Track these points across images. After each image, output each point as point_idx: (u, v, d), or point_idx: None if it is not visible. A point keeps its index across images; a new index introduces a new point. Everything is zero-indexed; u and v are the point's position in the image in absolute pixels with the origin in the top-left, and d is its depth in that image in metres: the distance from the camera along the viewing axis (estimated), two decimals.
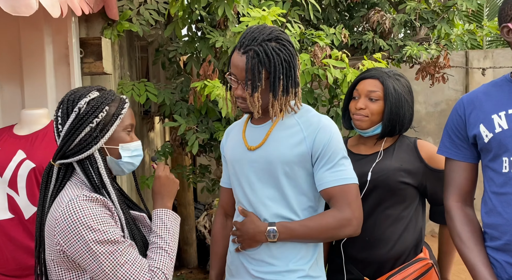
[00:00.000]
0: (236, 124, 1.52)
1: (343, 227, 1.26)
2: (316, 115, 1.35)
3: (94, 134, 1.12)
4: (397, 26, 3.70)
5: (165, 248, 1.15)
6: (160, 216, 1.21)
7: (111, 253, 1.05)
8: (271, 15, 2.39)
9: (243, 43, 1.26)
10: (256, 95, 1.26)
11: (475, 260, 1.26)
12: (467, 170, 1.35)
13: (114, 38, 2.48)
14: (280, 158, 1.29)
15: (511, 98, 1.23)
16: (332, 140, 1.29)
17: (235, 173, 1.40)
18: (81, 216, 1.05)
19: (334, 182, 1.27)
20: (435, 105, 5.22)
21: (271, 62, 1.25)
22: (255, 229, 1.30)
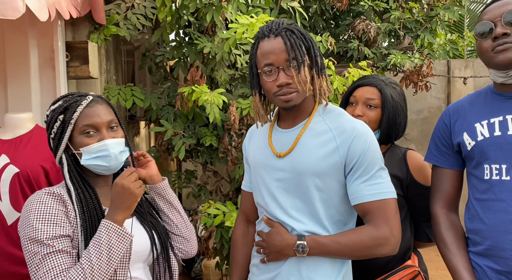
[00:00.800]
0: (260, 124, 1.37)
1: (380, 246, 1.16)
2: (350, 121, 1.23)
3: (55, 143, 1.21)
4: (381, 35, 3.78)
5: (84, 266, 1.06)
6: (100, 229, 1.11)
7: (33, 253, 1.08)
8: (259, 22, 2.41)
9: (270, 30, 1.19)
10: (304, 70, 1.16)
11: (458, 265, 1.28)
12: (452, 177, 1.38)
13: (101, 42, 2.46)
14: (311, 169, 1.19)
15: (493, 107, 1.27)
16: (369, 149, 1.18)
17: (259, 179, 1.30)
18: (29, 210, 1.11)
19: (371, 196, 1.17)
20: (418, 112, 5.32)
21: (307, 39, 1.19)
22: (282, 242, 1.20)
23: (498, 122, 1.23)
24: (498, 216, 1.21)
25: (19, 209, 1.69)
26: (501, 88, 1.27)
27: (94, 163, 1.18)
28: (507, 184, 1.20)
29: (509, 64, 1.19)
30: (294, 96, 1.19)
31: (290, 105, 1.21)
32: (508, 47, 1.18)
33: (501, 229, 1.20)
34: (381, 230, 1.17)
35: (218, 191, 3.11)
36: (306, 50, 1.20)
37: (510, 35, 1.18)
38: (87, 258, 1.07)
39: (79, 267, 1.06)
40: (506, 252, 1.19)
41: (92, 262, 1.06)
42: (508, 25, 1.18)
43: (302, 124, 1.25)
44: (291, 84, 1.18)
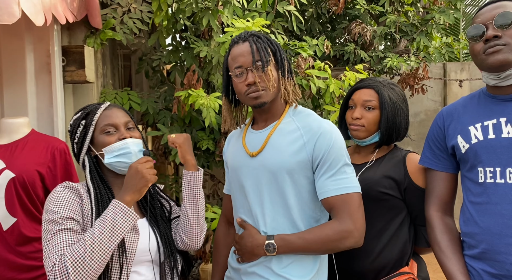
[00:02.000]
0: (237, 130, 1.48)
1: (343, 239, 1.21)
2: (317, 120, 1.30)
3: (78, 147, 1.29)
4: (377, 38, 3.79)
5: (87, 240, 1.09)
6: (109, 207, 1.16)
7: (46, 231, 1.15)
8: (255, 26, 2.42)
9: (240, 37, 1.32)
10: (269, 69, 1.27)
11: (453, 269, 1.28)
12: (447, 180, 1.38)
13: (97, 46, 2.46)
14: (281, 166, 1.25)
15: (487, 110, 1.27)
16: (333, 146, 1.24)
17: (235, 181, 1.36)
18: (49, 198, 1.20)
19: (335, 191, 1.22)
20: (414, 115, 5.33)
21: (272, 42, 1.31)
22: (253, 243, 1.26)
23: (492, 124, 1.23)
24: (493, 219, 1.20)
25: (15, 215, 1.68)
26: (494, 90, 1.27)
27: (116, 161, 1.25)
28: (501, 187, 1.20)
29: (499, 66, 1.20)
30: (263, 94, 1.28)
31: (259, 102, 1.29)
32: (498, 49, 1.19)
33: (496, 233, 1.20)
34: (344, 223, 1.22)
35: (215, 194, 3.11)
36: (272, 53, 1.31)
37: (501, 38, 1.19)
38: (90, 231, 1.12)
39: (82, 241, 1.11)
40: (501, 256, 1.18)
41: (94, 235, 1.10)
42: (500, 28, 1.19)
43: (273, 125, 1.33)
44: (259, 83, 1.27)
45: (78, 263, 1.07)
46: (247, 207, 1.33)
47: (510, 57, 1.18)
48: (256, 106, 1.31)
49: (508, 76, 1.21)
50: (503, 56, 1.18)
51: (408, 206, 1.51)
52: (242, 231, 1.34)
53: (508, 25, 1.18)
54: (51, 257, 1.09)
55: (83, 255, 1.08)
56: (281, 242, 1.24)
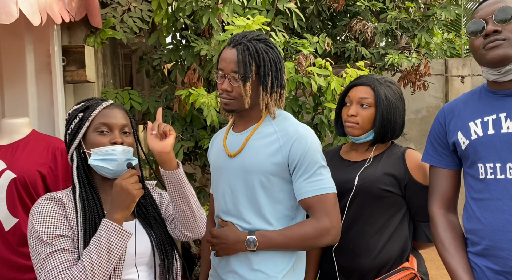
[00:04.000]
0: (221, 131, 1.53)
1: (321, 236, 1.28)
2: (293, 124, 1.35)
3: (69, 139, 1.25)
4: (378, 35, 3.77)
5: (85, 263, 1.09)
6: (100, 228, 1.14)
7: (38, 253, 1.12)
8: (256, 23, 2.41)
9: (233, 40, 1.33)
10: (248, 85, 1.29)
11: (456, 266, 1.28)
12: (449, 177, 1.37)
13: (97, 46, 2.46)
14: (257, 168, 1.31)
15: (487, 106, 1.26)
16: (308, 150, 1.29)
17: (216, 181, 1.42)
18: (31, 214, 1.17)
19: (311, 192, 1.28)
20: (416, 112, 5.32)
21: (260, 57, 1.31)
22: (235, 238, 1.30)
23: (491, 120, 1.23)
24: (494, 215, 1.20)
25: (17, 215, 1.68)
26: (494, 86, 1.26)
27: (99, 165, 1.22)
28: (502, 182, 1.19)
29: (499, 61, 1.19)
30: (232, 102, 1.33)
31: (228, 109, 1.36)
32: (498, 44, 1.18)
33: (498, 229, 1.19)
34: (322, 222, 1.28)
35: None
36: (256, 68, 1.31)
37: (501, 33, 1.18)
38: (87, 256, 1.10)
39: (80, 264, 1.10)
40: (504, 252, 1.18)
41: (93, 260, 1.09)
42: (500, 23, 1.18)
43: (252, 127, 1.38)
44: (231, 92, 1.32)
45: None
46: (224, 205, 1.38)
47: (510, 52, 1.17)
48: (225, 111, 1.38)
49: (508, 71, 1.20)
50: (503, 51, 1.17)
51: (408, 202, 1.51)
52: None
53: (508, 19, 1.17)
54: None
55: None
56: (261, 238, 1.29)
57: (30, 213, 1.17)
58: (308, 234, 1.28)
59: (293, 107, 2.68)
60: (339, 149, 1.66)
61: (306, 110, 2.84)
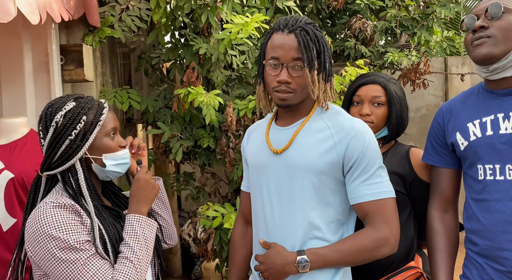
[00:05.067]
0: (259, 124, 1.38)
1: (380, 247, 1.15)
2: (348, 119, 1.21)
3: (74, 145, 1.13)
4: (378, 33, 3.76)
5: (131, 258, 1.09)
6: (132, 223, 1.15)
7: (71, 262, 1.04)
8: (254, 21, 2.40)
9: (286, 25, 1.16)
10: (314, 74, 1.14)
11: (440, 277, 1.31)
12: (449, 176, 1.37)
13: (96, 44, 2.44)
14: (307, 166, 1.17)
15: (485, 106, 1.25)
16: (368, 148, 1.16)
17: (257, 179, 1.27)
18: (43, 224, 1.05)
19: (370, 196, 1.15)
20: (416, 110, 5.31)
21: (320, 42, 1.16)
22: (283, 260, 1.16)
23: (489, 121, 1.22)
24: (494, 216, 1.20)
25: (15, 215, 1.67)
26: (491, 85, 1.25)
27: (114, 170, 1.19)
28: (501, 184, 1.18)
29: (483, 59, 1.18)
30: (291, 97, 1.18)
31: (285, 104, 1.21)
32: (482, 42, 1.17)
33: (498, 229, 1.19)
34: (381, 231, 1.15)
35: (217, 192, 3.10)
36: (317, 54, 1.17)
37: (488, 29, 1.17)
38: (131, 252, 1.10)
39: (126, 261, 1.09)
40: (504, 252, 1.18)
41: (137, 254, 1.10)
42: (490, 19, 1.17)
43: (300, 121, 1.24)
44: (291, 84, 1.16)
45: None
46: (262, 208, 1.26)
47: (493, 50, 1.16)
48: (281, 106, 1.23)
49: (496, 70, 1.19)
50: (486, 49, 1.17)
51: (413, 200, 1.50)
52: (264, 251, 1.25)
53: (497, 16, 1.16)
54: None
55: (136, 275, 1.08)
56: (313, 257, 1.15)
57: (37, 223, 1.05)
58: (365, 247, 1.14)
59: None
60: None
61: None
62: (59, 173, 1.15)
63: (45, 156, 1.15)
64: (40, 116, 1.16)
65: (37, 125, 1.18)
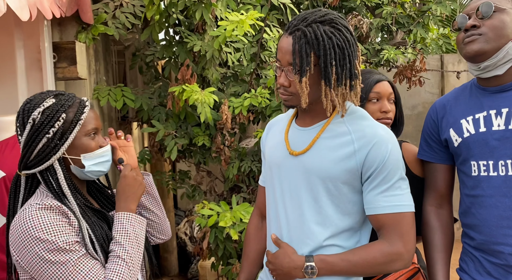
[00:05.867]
0: (280, 119, 1.34)
1: (392, 262, 1.11)
2: (372, 125, 1.15)
3: (52, 144, 1.09)
4: (374, 30, 3.75)
5: (123, 256, 1.08)
6: (121, 220, 1.13)
7: (62, 263, 1.02)
8: (249, 19, 2.38)
9: (292, 24, 1.12)
10: (304, 80, 1.08)
11: (436, 269, 1.32)
12: (443, 171, 1.38)
13: (89, 42, 2.42)
14: (323, 172, 1.13)
15: (477, 103, 1.26)
16: (389, 157, 1.10)
17: (272, 178, 1.25)
18: (29, 227, 1.02)
19: (387, 208, 1.11)
20: (412, 108, 5.31)
21: (320, 45, 1.07)
22: (290, 264, 1.15)
23: (482, 117, 1.23)
24: (488, 212, 1.21)
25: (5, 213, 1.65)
26: (483, 82, 1.26)
27: (95, 169, 1.16)
28: (495, 180, 1.20)
29: (474, 56, 1.20)
30: (290, 99, 1.16)
31: (287, 105, 1.19)
32: (474, 39, 1.19)
33: (493, 225, 1.21)
34: (395, 245, 1.11)
35: (212, 191, 3.08)
36: (316, 58, 1.09)
37: (480, 28, 1.19)
38: (122, 250, 1.09)
39: (118, 259, 1.08)
40: (500, 246, 1.20)
41: (129, 252, 1.09)
42: (481, 18, 1.19)
43: (321, 123, 1.18)
44: (289, 87, 1.14)
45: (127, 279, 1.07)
46: (275, 207, 1.24)
47: (484, 47, 1.17)
48: (286, 106, 1.21)
49: (487, 68, 1.20)
50: (477, 46, 1.18)
51: None
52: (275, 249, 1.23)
53: (488, 15, 1.18)
54: None
55: (129, 274, 1.07)
56: (321, 264, 1.13)
57: (23, 226, 1.02)
58: (376, 260, 1.10)
59: None
60: None
61: None
62: (38, 173, 1.11)
63: (22, 153, 1.11)
64: (18, 112, 1.12)
65: (15, 121, 1.13)
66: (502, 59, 1.18)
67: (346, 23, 1.12)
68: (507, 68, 1.19)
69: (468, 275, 1.29)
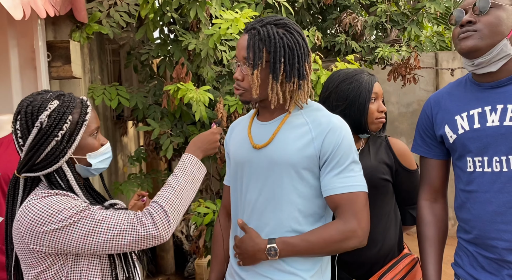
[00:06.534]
0: (242, 119, 1.43)
1: (347, 239, 1.18)
2: (327, 115, 1.26)
3: (61, 147, 1.10)
4: (368, 28, 3.77)
5: (174, 185, 1.14)
6: (184, 160, 1.22)
7: (83, 218, 1.04)
8: (244, 17, 2.38)
9: (250, 25, 1.24)
10: (255, 73, 1.18)
11: (430, 269, 1.34)
12: (438, 167, 1.39)
13: (83, 40, 2.41)
14: (287, 161, 1.21)
15: (472, 99, 1.26)
16: (342, 142, 1.20)
17: (238, 174, 1.32)
18: (38, 210, 1.03)
19: (341, 189, 1.19)
20: (407, 105, 5.33)
21: (272, 42, 1.18)
22: (254, 247, 1.22)
23: (477, 114, 1.23)
24: (483, 207, 1.22)
25: (2, 213, 1.65)
26: (478, 78, 1.27)
27: (100, 167, 1.19)
28: (489, 175, 1.21)
29: (468, 52, 1.20)
30: (243, 93, 1.25)
31: (242, 100, 1.28)
32: (468, 35, 1.19)
33: (487, 220, 1.21)
34: (349, 223, 1.18)
35: (208, 189, 3.09)
36: (267, 54, 1.19)
37: (476, 24, 1.19)
38: (175, 180, 1.15)
39: (169, 187, 1.13)
40: (493, 241, 1.21)
41: (181, 183, 1.15)
42: (478, 14, 1.19)
43: (281, 117, 1.28)
44: (242, 81, 1.24)
45: (174, 207, 1.10)
46: (243, 200, 1.30)
47: (479, 43, 1.18)
48: (241, 102, 1.32)
49: (481, 64, 1.20)
50: (471, 42, 1.18)
51: (396, 188, 1.55)
52: (242, 233, 1.29)
53: (485, 11, 1.18)
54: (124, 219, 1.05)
55: (176, 200, 1.11)
56: (283, 246, 1.20)
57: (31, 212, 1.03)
58: (332, 238, 1.18)
59: None
60: None
61: None
62: (44, 176, 1.11)
63: (25, 157, 1.10)
64: (16, 113, 1.10)
65: (13, 123, 1.11)
66: (496, 56, 1.18)
67: (299, 29, 1.24)
68: (501, 65, 1.19)
69: (463, 269, 1.30)
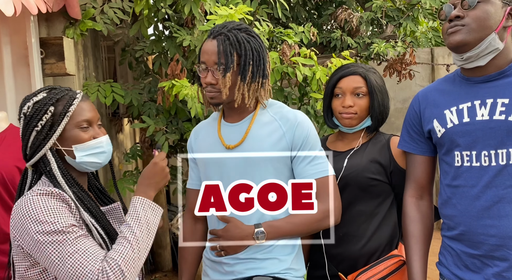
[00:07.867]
0: (205, 123, 1.48)
1: (326, 217, 1.32)
2: (291, 111, 1.38)
3: (41, 137, 1.12)
4: (364, 24, 3.76)
5: (129, 238, 1.08)
6: (135, 205, 1.14)
7: (58, 243, 1.03)
8: (239, 13, 2.37)
9: (214, 31, 1.31)
10: (228, 76, 1.27)
11: (415, 266, 1.34)
12: (424, 163, 1.39)
13: (77, 37, 2.40)
14: (264, 157, 1.31)
15: (461, 93, 1.27)
16: (310, 134, 1.34)
17: (213, 175, 1.36)
18: (29, 210, 1.05)
19: (314, 175, 1.32)
20: (403, 101, 5.34)
21: (241, 46, 1.29)
22: (241, 233, 1.29)
23: (466, 108, 1.24)
24: (469, 202, 1.22)
25: None
26: (467, 72, 1.27)
27: (88, 160, 1.17)
28: (477, 170, 1.21)
29: (455, 46, 1.21)
30: (217, 95, 1.31)
31: (213, 103, 1.35)
32: (457, 29, 1.20)
33: (473, 215, 1.21)
34: (326, 203, 1.32)
35: None
36: (238, 58, 1.29)
37: (464, 18, 1.19)
38: (130, 232, 1.08)
39: (124, 240, 1.07)
40: (479, 237, 1.21)
41: (136, 235, 1.08)
42: (466, 9, 1.19)
43: (249, 117, 1.36)
44: (216, 85, 1.30)
45: (131, 264, 1.05)
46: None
47: (467, 38, 1.18)
48: (211, 104, 1.37)
49: (469, 58, 1.21)
50: (459, 36, 1.19)
51: (394, 189, 1.52)
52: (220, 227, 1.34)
53: (473, 5, 1.18)
54: (88, 264, 1.01)
55: (133, 256, 1.06)
56: (269, 229, 1.30)
57: (24, 209, 1.05)
58: (314, 217, 1.30)
59: (279, 97, 2.66)
60: (325, 140, 1.66)
61: (292, 100, 2.82)
62: (35, 164, 1.14)
63: (21, 147, 1.16)
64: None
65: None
66: (484, 50, 1.19)
67: (256, 34, 1.36)
68: (489, 59, 1.20)
69: (447, 269, 1.30)
